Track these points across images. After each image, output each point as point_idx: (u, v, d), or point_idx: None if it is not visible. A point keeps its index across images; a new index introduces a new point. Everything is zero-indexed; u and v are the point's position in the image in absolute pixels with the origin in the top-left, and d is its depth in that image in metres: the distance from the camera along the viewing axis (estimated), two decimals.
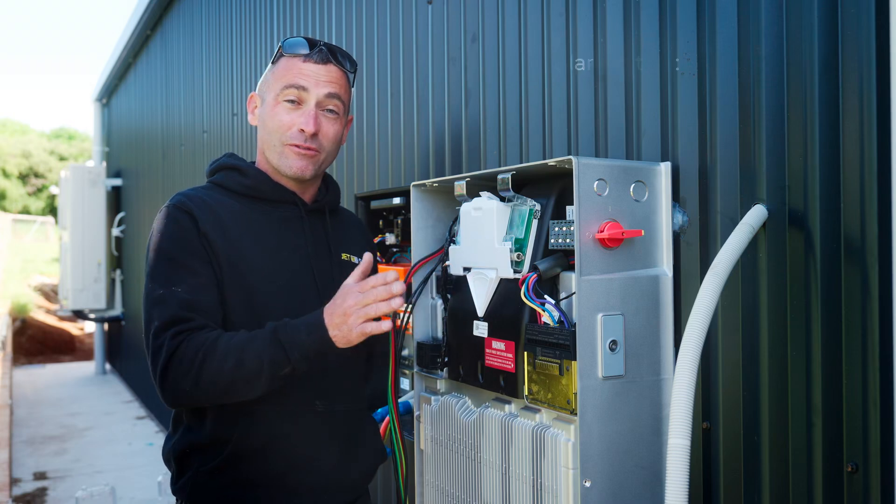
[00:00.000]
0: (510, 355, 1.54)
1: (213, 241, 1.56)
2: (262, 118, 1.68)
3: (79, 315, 9.51)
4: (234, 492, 1.59)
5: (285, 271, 1.63)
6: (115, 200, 9.45)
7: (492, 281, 1.58)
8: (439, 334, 1.83)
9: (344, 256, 1.75)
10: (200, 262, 1.54)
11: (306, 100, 1.63)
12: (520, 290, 1.48)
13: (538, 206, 1.53)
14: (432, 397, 1.79)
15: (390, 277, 1.44)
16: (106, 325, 10.03)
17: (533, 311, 1.48)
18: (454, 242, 1.73)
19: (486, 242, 1.58)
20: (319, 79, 1.64)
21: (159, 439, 6.50)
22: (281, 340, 1.45)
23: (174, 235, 1.55)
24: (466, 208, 1.66)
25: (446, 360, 1.76)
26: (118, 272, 9.28)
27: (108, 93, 10.05)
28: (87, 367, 10.52)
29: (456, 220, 1.74)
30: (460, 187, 1.69)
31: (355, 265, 1.71)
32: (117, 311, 9.25)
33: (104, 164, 9.84)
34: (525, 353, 1.50)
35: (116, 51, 8.34)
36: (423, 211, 1.87)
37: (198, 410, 1.60)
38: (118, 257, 9.33)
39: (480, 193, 1.64)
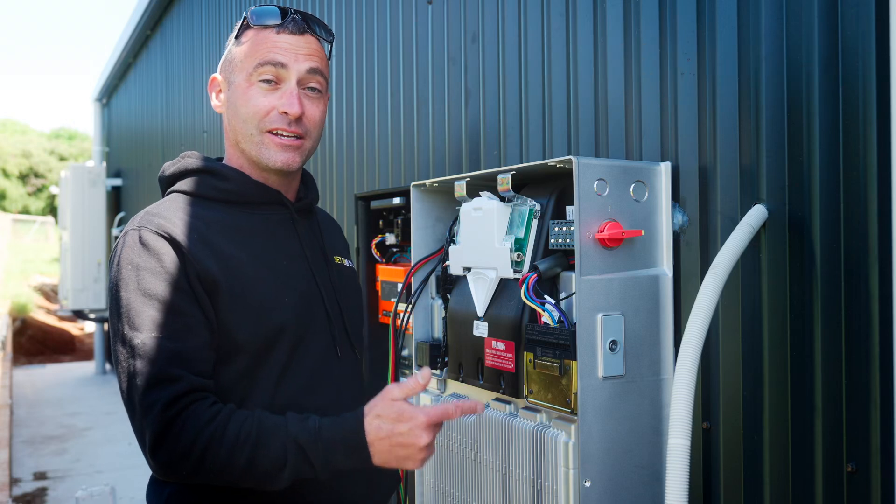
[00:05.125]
0: (510, 355, 1.54)
1: (204, 267, 1.34)
2: (233, 104, 1.46)
3: (79, 315, 9.52)
4: None
5: (289, 282, 1.45)
6: (115, 200, 9.45)
7: (492, 281, 1.58)
8: (439, 334, 1.83)
9: (336, 259, 1.63)
10: (186, 299, 1.31)
11: (285, 78, 1.42)
12: (520, 290, 1.48)
13: (538, 206, 1.53)
14: (432, 397, 1.79)
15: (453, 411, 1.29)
16: (106, 325, 10.03)
17: (533, 311, 1.48)
18: (454, 242, 1.73)
19: (486, 242, 1.58)
20: (298, 52, 1.43)
21: None
22: (311, 459, 1.25)
23: (151, 267, 1.31)
24: (466, 208, 1.66)
25: (446, 360, 1.76)
26: None
27: (108, 93, 10.06)
28: (87, 367, 10.51)
29: (456, 220, 1.74)
30: (460, 188, 1.69)
31: (347, 268, 1.66)
32: None
33: (104, 164, 9.85)
34: (525, 353, 1.50)
35: (116, 51, 8.35)
36: (423, 211, 1.87)
37: None
38: None
39: (480, 193, 1.64)
